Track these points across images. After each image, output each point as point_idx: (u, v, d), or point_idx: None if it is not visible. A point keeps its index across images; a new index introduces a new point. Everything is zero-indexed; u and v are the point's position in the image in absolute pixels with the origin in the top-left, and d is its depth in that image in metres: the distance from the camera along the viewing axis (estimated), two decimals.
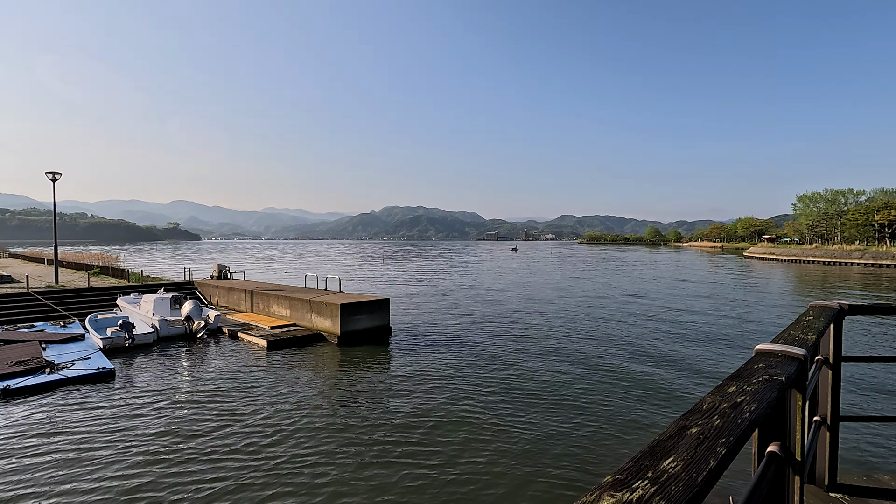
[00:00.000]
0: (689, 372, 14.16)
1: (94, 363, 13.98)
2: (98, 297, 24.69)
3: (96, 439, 9.31)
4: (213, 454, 8.64)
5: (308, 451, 8.79)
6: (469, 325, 21.52)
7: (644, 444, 6.30)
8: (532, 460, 8.52)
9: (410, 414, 10.66)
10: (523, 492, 7.51)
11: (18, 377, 12.60)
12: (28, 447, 8.94)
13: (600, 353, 16.43)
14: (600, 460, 8.53)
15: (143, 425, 9.99)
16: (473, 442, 9.26)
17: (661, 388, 12.59)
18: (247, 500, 7.15)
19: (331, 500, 7.18)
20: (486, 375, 13.62)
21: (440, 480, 7.82)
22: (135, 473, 7.94)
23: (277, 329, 18.67)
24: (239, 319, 20.92)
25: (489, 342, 17.94)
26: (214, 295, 26.26)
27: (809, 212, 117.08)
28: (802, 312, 2.93)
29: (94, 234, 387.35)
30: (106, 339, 16.22)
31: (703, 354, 16.31)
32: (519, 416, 10.60)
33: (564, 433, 9.68)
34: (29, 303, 22.55)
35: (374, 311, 18.53)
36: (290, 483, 7.65)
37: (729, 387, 1.45)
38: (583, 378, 13.48)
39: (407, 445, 9.07)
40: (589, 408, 11.12)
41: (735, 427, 1.13)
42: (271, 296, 21.58)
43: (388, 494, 7.39)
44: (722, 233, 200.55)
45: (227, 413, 10.67)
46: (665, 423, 10.19)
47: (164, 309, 19.40)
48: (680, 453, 0.99)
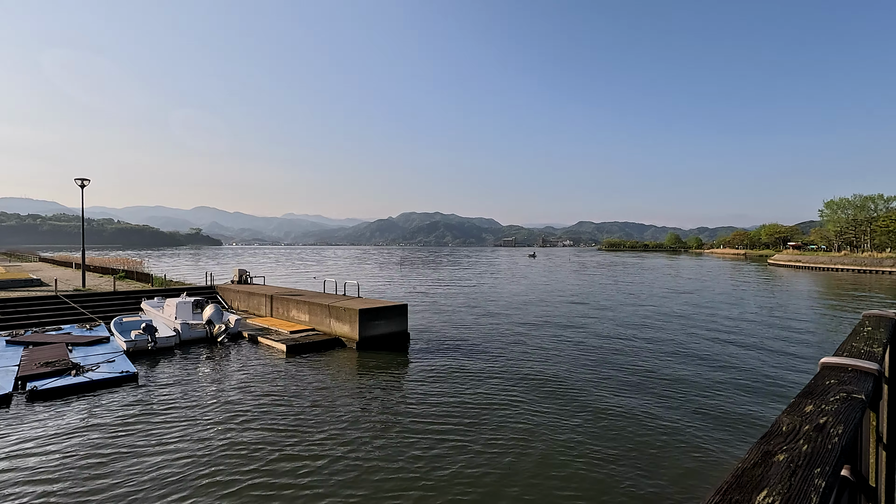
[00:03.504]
0: (719, 381, 13.73)
1: (118, 366, 14.19)
2: (123, 301, 25.19)
3: (119, 442, 9.39)
4: (234, 457, 8.63)
5: (327, 454, 8.72)
6: (488, 331, 21.32)
7: (713, 467, 5.88)
8: (549, 471, 8.30)
9: (428, 421, 10.52)
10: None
11: (46, 378, 12.84)
12: (53, 448, 9.06)
13: (631, 361, 16.08)
14: (636, 476, 8.26)
15: (164, 428, 10.05)
16: (490, 451, 9.07)
17: (692, 396, 12.22)
18: (266, 500, 7.10)
19: (348, 502, 7.09)
20: (506, 384, 13.41)
21: (454, 488, 7.66)
22: (156, 476, 7.96)
23: (297, 334, 18.75)
24: (259, 324, 21.09)
25: (509, 350, 17.71)
26: (235, 299, 26.56)
27: (837, 218, 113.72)
28: (858, 322, 2.74)
29: (121, 239, 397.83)
30: (130, 341, 16.48)
31: (740, 365, 15.83)
32: (538, 426, 10.38)
33: (588, 443, 9.43)
34: (57, 305, 23.12)
35: (392, 317, 18.48)
36: (309, 485, 7.58)
37: (805, 405, 1.30)
38: (607, 385, 13.18)
39: (424, 451, 8.93)
40: (618, 417, 10.83)
41: (827, 454, 0.99)
42: (291, 301, 21.71)
43: (404, 500, 7.26)
44: (745, 239, 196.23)
45: (247, 417, 10.68)
46: (700, 436, 9.86)
47: (186, 313, 19.66)
48: (773, 486, 0.86)
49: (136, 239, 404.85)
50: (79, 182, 28.47)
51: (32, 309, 22.42)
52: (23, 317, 21.34)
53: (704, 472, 8.41)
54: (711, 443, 9.59)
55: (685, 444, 9.53)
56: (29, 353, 15.40)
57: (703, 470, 8.47)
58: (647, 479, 8.09)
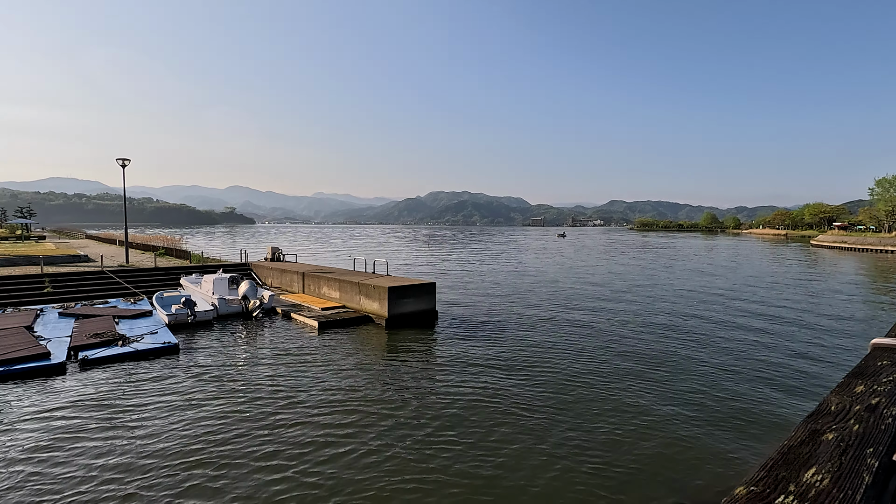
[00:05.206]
0: (760, 363, 13.39)
1: (160, 338, 14.89)
2: (163, 277, 26.27)
3: (163, 407, 9.93)
4: (269, 426, 9.01)
5: (359, 425, 9.00)
6: (516, 311, 21.30)
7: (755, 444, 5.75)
8: (574, 453, 8.34)
9: (455, 397, 10.68)
10: (565, 490, 7.36)
11: (95, 348, 13.61)
12: (104, 410, 9.66)
13: (660, 344, 15.84)
14: (662, 459, 8.22)
15: (204, 396, 10.54)
16: (516, 429, 9.16)
17: (728, 378, 11.99)
18: (299, 468, 7.41)
19: (372, 472, 7.32)
20: (533, 361, 13.44)
21: (481, 465, 7.79)
22: (196, 440, 8.41)
23: (328, 310, 19.19)
24: (291, 300, 21.67)
25: (537, 327, 17.69)
26: (268, 276, 27.31)
27: (890, 197, 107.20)
28: None
29: (159, 217, 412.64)
30: (171, 315, 17.23)
31: (780, 346, 15.39)
32: (563, 404, 10.39)
33: (615, 427, 9.41)
34: (103, 280, 24.30)
35: (420, 295, 18.67)
36: (338, 456, 7.86)
37: (855, 385, 1.25)
38: (638, 369, 13.05)
39: (450, 428, 9.09)
40: (648, 392, 10.75)
41: (881, 435, 0.95)
42: (322, 278, 22.17)
43: (429, 474, 7.44)
44: (786, 219, 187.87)
45: (281, 387, 11.09)
46: (724, 413, 9.70)
47: (222, 289, 20.35)
48: (822, 464, 0.83)
49: (174, 217, 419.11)
50: (120, 162, 29.49)
51: (81, 283, 23.66)
52: (72, 290, 22.56)
53: (745, 452, 8.28)
54: (753, 417, 9.42)
55: (728, 426, 9.39)
56: (79, 324, 16.31)
57: (745, 451, 8.35)
58: (686, 463, 8.03)
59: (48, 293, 21.70)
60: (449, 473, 7.53)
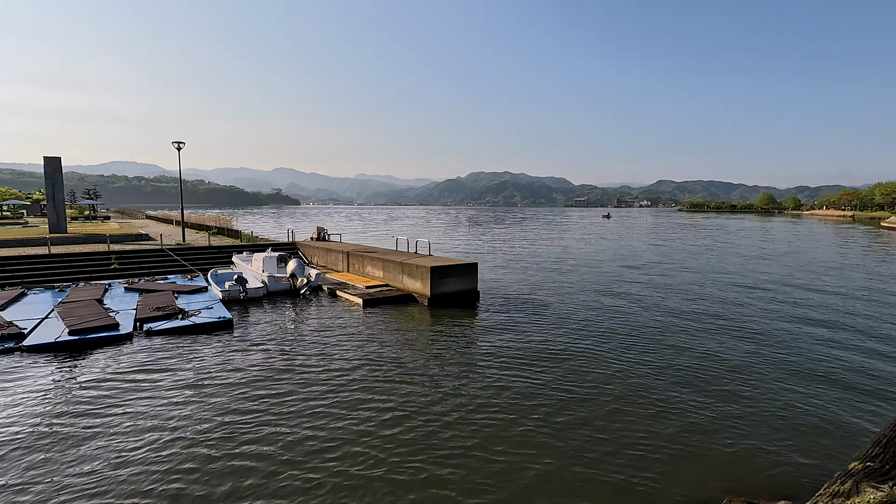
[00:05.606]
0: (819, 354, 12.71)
1: (216, 312, 15.68)
2: (216, 255, 27.55)
3: (222, 375, 10.54)
4: (319, 395, 9.40)
5: (403, 397, 9.23)
6: (558, 294, 21.04)
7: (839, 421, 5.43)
8: (619, 438, 8.22)
9: (497, 372, 10.73)
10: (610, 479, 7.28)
11: (158, 321, 14.52)
12: (169, 378, 10.35)
13: (709, 336, 15.26)
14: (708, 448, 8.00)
15: (258, 368, 11.09)
16: (556, 412, 9.11)
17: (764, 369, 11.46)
18: (348, 431, 7.69)
19: (420, 443, 7.49)
20: (576, 343, 13.28)
21: (524, 446, 7.82)
22: (252, 407, 8.89)
23: (372, 289, 19.60)
24: (336, 278, 22.26)
25: (580, 311, 17.41)
26: (314, 255, 28.11)
27: None
28: None
29: (211, 198, 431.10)
30: (224, 291, 18.09)
31: (843, 340, 14.54)
32: (607, 388, 10.23)
33: (667, 409, 9.20)
34: (163, 258, 25.77)
35: (462, 275, 18.72)
36: (385, 423, 8.10)
37: None
38: (686, 364, 12.65)
39: (492, 408, 9.16)
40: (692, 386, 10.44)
41: None
42: (365, 257, 22.61)
43: (467, 454, 7.54)
44: (854, 199, 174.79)
45: (330, 360, 11.51)
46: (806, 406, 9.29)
47: (271, 266, 21.13)
48: None
49: (224, 199, 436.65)
50: (175, 144, 30.86)
51: (143, 260, 25.18)
52: (136, 266, 24.06)
53: (816, 443, 7.93)
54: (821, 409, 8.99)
55: (788, 413, 9.02)
56: (143, 298, 17.41)
57: (814, 442, 8.00)
58: (737, 442, 7.79)
59: (114, 269, 23.24)
60: (496, 443, 7.61)
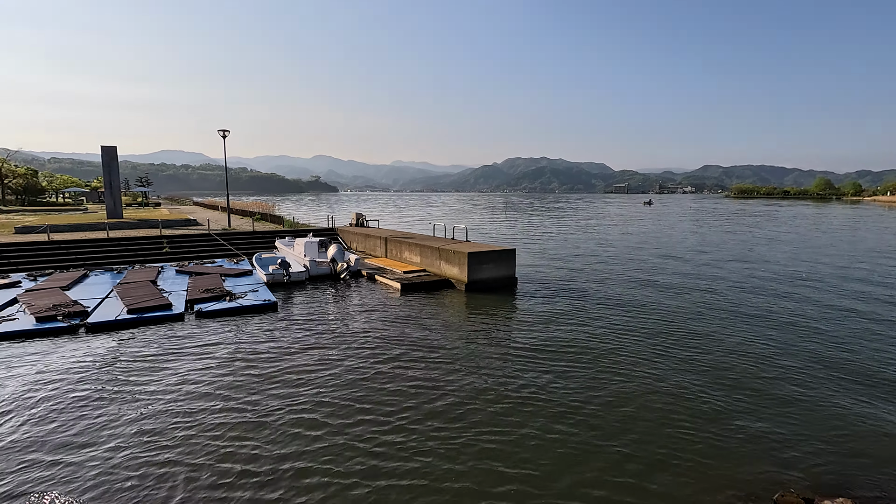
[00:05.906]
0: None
1: (261, 295, 16.25)
2: (260, 240, 28.47)
3: (270, 354, 10.98)
4: (361, 376, 9.64)
5: (442, 380, 9.33)
6: (597, 283, 20.61)
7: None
8: (657, 433, 8.01)
9: (535, 357, 10.66)
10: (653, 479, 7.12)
11: (207, 302, 15.18)
12: (221, 355, 10.85)
13: (758, 336, 14.61)
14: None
15: (302, 349, 11.46)
16: (595, 403, 8.97)
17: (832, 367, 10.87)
18: (389, 414, 7.85)
19: (456, 423, 7.56)
20: (616, 333, 13.01)
21: (565, 439, 7.75)
22: (296, 386, 9.20)
23: (409, 274, 19.79)
24: (375, 263, 22.59)
25: (618, 307, 16.92)
26: (353, 241, 28.60)
27: None
28: None
29: (253, 185, 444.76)
30: (269, 275, 18.69)
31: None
32: (651, 381, 9.98)
33: (717, 409, 8.90)
34: (210, 242, 26.85)
35: (500, 261, 18.61)
36: (423, 404, 8.21)
37: None
38: (731, 366, 12.15)
39: (530, 396, 9.11)
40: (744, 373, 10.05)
41: None
42: (403, 243, 22.81)
43: (503, 444, 7.54)
44: None
45: (370, 342, 11.78)
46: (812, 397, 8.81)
47: (313, 251, 21.64)
48: None
49: (266, 186, 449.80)
50: (221, 133, 31.89)
51: (192, 244, 26.31)
52: (185, 250, 25.18)
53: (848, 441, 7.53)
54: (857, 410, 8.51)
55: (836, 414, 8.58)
56: (193, 281, 18.21)
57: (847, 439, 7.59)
58: (788, 446, 7.48)
59: (166, 252, 24.42)
60: (537, 429, 7.60)
